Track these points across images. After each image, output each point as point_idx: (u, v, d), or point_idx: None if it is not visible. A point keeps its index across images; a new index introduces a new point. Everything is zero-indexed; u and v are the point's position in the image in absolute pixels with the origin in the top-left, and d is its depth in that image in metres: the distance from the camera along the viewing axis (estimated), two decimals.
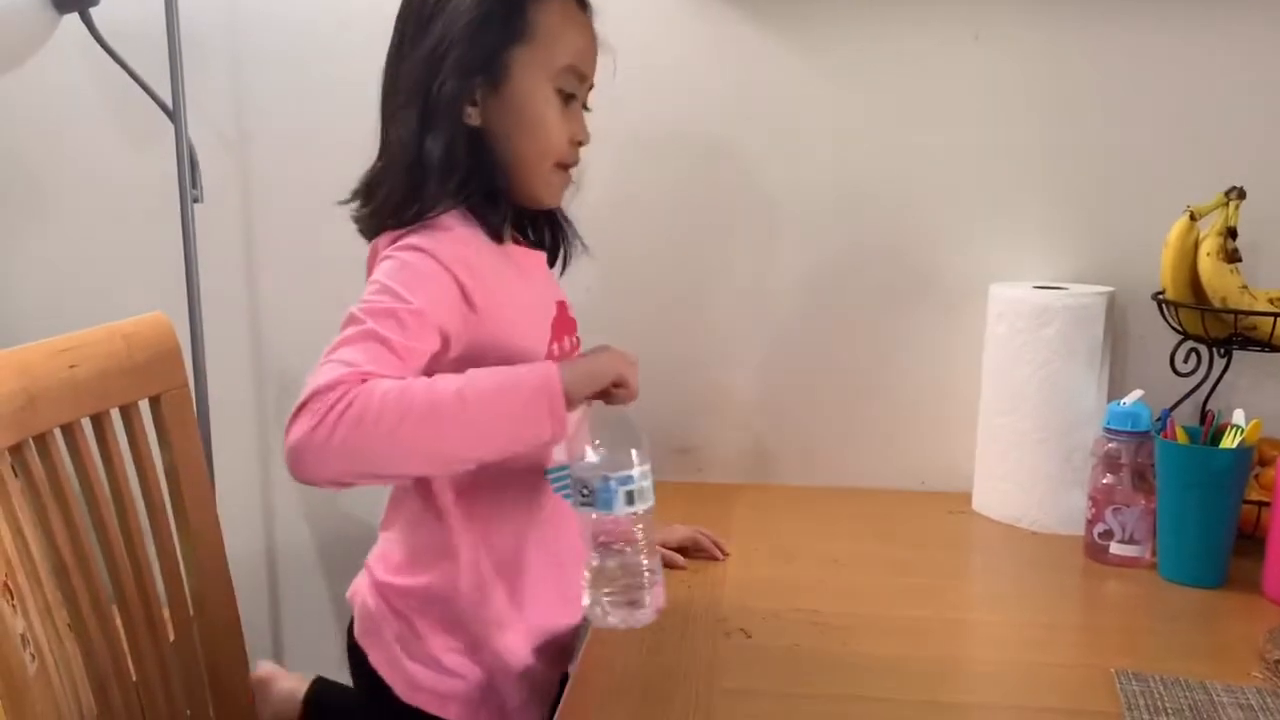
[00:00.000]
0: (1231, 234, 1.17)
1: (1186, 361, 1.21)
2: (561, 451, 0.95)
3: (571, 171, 1.01)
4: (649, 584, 0.89)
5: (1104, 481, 1.14)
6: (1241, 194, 1.17)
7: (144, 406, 1.09)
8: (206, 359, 1.44)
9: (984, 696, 0.89)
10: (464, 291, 0.91)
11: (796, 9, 1.34)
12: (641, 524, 0.89)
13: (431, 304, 0.88)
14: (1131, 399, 1.14)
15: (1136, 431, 1.13)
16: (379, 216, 0.96)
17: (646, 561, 0.89)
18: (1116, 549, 1.13)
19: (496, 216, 0.96)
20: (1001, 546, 1.23)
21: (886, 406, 1.40)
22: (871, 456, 1.41)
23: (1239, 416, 1.07)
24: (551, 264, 1.08)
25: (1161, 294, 1.23)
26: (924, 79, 1.33)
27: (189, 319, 1.42)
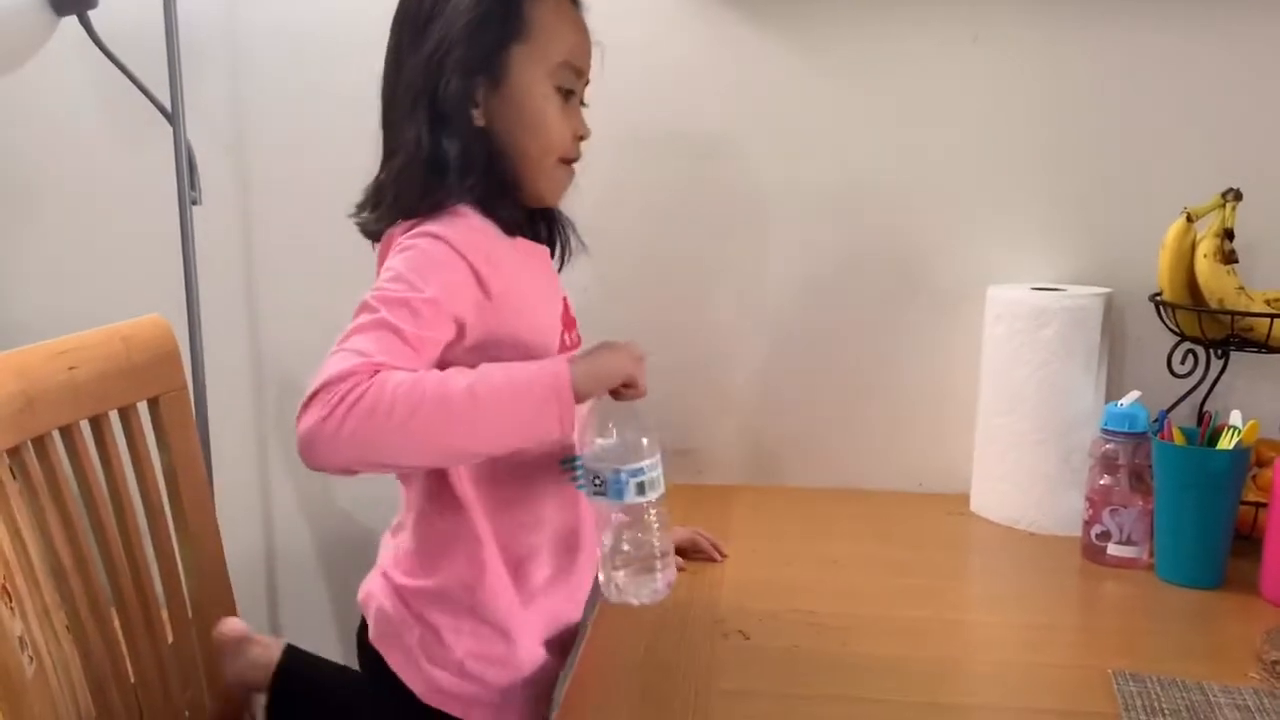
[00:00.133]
0: (1228, 235, 1.18)
1: (1184, 363, 1.21)
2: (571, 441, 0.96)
3: (574, 167, 1.01)
4: (660, 560, 0.92)
5: (1101, 482, 1.14)
6: (1238, 195, 1.17)
7: (143, 408, 1.09)
8: (205, 361, 1.44)
9: (982, 697, 0.89)
10: (479, 279, 0.91)
11: (796, 9, 1.34)
12: (653, 509, 0.92)
13: (446, 292, 0.88)
14: (1129, 400, 1.14)
15: (1134, 433, 1.13)
16: (392, 214, 0.95)
17: (659, 541, 0.92)
18: (1114, 550, 1.13)
19: (508, 210, 0.97)
20: (999, 547, 1.23)
21: (885, 407, 1.41)
22: (870, 457, 1.42)
23: (1236, 417, 1.07)
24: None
25: (1159, 295, 1.23)
26: (923, 79, 1.34)
27: (187, 321, 1.42)
